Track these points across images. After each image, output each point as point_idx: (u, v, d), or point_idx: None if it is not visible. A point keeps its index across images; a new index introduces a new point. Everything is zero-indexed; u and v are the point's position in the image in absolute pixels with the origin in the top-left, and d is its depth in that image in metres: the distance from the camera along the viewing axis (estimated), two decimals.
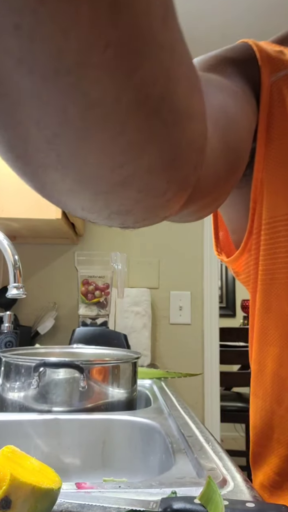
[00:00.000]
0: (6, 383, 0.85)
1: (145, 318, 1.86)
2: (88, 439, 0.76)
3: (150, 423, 0.73)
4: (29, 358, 0.84)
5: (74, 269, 1.79)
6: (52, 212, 1.49)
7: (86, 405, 0.81)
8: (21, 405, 0.82)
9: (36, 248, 1.95)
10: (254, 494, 0.43)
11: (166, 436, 0.65)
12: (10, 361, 0.86)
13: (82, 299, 1.74)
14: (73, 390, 0.81)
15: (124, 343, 1.51)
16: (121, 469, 0.74)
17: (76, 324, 1.77)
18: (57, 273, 1.95)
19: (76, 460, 0.75)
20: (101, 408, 0.82)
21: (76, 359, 0.82)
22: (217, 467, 0.50)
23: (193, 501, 0.38)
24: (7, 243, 0.89)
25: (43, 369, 0.81)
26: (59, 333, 1.89)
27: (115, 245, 1.96)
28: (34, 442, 0.75)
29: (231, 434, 3.18)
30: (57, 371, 0.81)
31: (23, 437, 0.74)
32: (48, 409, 0.80)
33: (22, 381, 0.83)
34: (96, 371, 0.83)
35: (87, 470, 0.74)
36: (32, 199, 1.49)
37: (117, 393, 0.85)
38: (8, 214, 1.49)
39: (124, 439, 0.76)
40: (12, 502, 0.33)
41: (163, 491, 0.43)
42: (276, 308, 0.56)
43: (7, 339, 1.30)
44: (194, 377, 1.87)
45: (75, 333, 1.57)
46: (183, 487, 0.45)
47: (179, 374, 1.28)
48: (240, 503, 0.38)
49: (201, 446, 0.58)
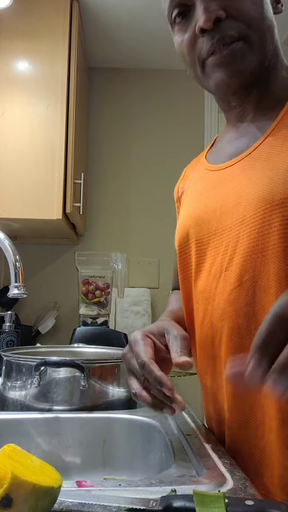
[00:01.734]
0: (7, 382, 0.86)
1: (145, 317, 1.86)
2: (88, 437, 0.76)
3: (150, 422, 0.73)
4: (30, 357, 0.84)
5: (74, 269, 1.79)
6: (52, 212, 1.49)
7: (86, 404, 0.81)
8: (22, 404, 0.82)
9: (37, 248, 1.95)
10: (253, 492, 0.44)
11: (166, 434, 0.66)
12: (11, 360, 0.86)
13: (82, 299, 1.74)
14: (73, 389, 0.81)
15: (124, 342, 1.51)
16: (121, 468, 0.74)
17: (76, 324, 1.77)
18: (58, 273, 1.96)
19: (76, 459, 0.75)
20: (101, 407, 0.82)
21: (77, 358, 0.82)
22: (217, 466, 0.51)
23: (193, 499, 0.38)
24: (8, 243, 0.89)
25: (44, 368, 0.81)
26: (59, 333, 1.90)
27: (115, 245, 1.96)
28: (35, 440, 0.75)
29: None
30: (58, 370, 0.82)
31: (24, 435, 0.75)
32: (49, 408, 0.80)
33: (23, 380, 0.83)
34: (96, 370, 0.84)
35: (87, 468, 0.75)
36: (32, 200, 1.49)
37: (117, 392, 0.85)
38: (9, 214, 1.50)
39: (124, 437, 0.76)
40: (13, 500, 0.33)
41: (163, 489, 0.44)
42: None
43: (8, 338, 1.31)
44: (194, 376, 1.87)
45: (75, 333, 1.57)
46: (182, 485, 0.45)
47: (179, 373, 1.29)
48: (239, 500, 0.38)
49: (201, 445, 0.59)
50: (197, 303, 0.67)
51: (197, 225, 0.66)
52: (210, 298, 0.63)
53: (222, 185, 0.64)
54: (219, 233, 0.62)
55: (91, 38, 1.89)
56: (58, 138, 1.53)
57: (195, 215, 0.67)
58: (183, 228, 0.70)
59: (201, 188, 0.69)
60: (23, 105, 1.55)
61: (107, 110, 2.09)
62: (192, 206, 0.69)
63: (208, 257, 0.64)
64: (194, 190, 0.72)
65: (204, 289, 0.64)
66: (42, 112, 1.55)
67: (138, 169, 2.07)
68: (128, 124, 2.09)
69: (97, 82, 2.10)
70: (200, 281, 0.66)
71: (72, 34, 1.63)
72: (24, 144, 1.52)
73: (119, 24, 1.80)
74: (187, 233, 0.69)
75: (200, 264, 0.66)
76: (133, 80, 2.12)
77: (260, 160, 0.59)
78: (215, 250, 0.63)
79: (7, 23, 1.60)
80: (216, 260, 0.62)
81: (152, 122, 2.10)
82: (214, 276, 0.62)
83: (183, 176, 0.83)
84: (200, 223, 0.66)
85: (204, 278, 0.64)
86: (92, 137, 2.08)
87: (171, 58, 2.05)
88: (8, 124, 1.54)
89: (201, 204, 0.67)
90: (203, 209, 0.66)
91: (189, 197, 0.73)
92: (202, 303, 0.65)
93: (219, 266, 0.62)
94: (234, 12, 0.57)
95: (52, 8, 1.61)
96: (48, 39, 1.60)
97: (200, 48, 0.60)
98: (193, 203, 0.70)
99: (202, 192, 0.68)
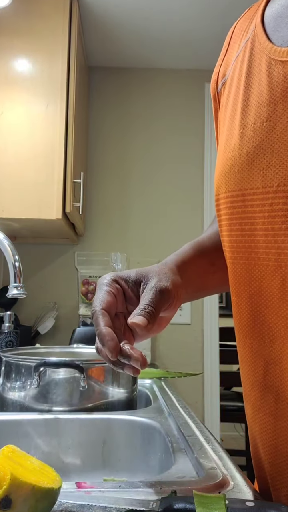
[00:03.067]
0: (6, 383, 0.85)
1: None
2: (88, 438, 0.76)
3: (150, 423, 0.73)
4: (30, 358, 0.84)
5: (74, 269, 1.79)
6: (52, 212, 1.49)
7: (86, 405, 0.81)
8: (21, 404, 0.82)
9: (36, 248, 1.95)
10: (254, 493, 0.44)
11: (166, 435, 0.65)
12: (11, 360, 0.86)
13: (82, 299, 1.74)
14: (73, 389, 0.81)
15: None
16: (121, 469, 0.74)
17: (76, 324, 1.77)
18: (57, 273, 1.95)
19: (76, 460, 0.75)
20: (101, 408, 0.82)
21: (76, 359, 0.82)
22: (217, 467, 0.50)
23: (193, 500, 0.38)
24: (8, 243, 0.89)
25: (44, 368, 0.81)
26: (59, 333, 1.89)
27: (115, 245, 1.96)
28: (34, 441, 0.75)
29: (231, 434, 3.18)
30: (58, 370, 0.81)
31: (24, 436, 0.74)
32: (49, 409, 0.80)
33: (23, 381, 0.83)
34: (96, 370, 0.83)
35: (87, 470, 0.74)
36: (32, 199, 1.49)
37: (117, 393, 0.85)
38: (8, 214, 1.49)
39: (124, 438, 0.76)
40: (12, 501, 0.33)
41: (163, 491, 0.43)
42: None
43: (8, 339, 1.31)
44: (194, 377, 1.87)
45: (75, 333, 1.57)
46: (183, 486, 0.45)
47: (179, 373, 1.28)
48: (240, 502, 0.38)
49: (201, 446, 0.58)
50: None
51: (260, 165, 0.43)
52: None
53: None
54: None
55: (90, 37, 1.89)
56: (57, 137, 1.53)
57: (249, 149, 0.44)
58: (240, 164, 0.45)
59: (257, 95, 0.44)
60: (23, 104, 1.55)
61: (106, 109, 2.09)
62: (244, 131, 0.45)
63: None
64: (248, 96, 0.45)
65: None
66: (41, 111, 1.55)
67: (138, 168, 2.06)
68: (128, 123, 2.09)
69: (97, 81, 2.10)
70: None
71: (71, 33, 1.62)
72: (24, 143, 1.52)
73: (118, 23, 1.80)
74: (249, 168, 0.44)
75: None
76: (133, 79, 2.12)
77: None
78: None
79: (7, 22, 1.59)
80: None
81: (152, 122, 2.10)
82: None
83: (225, 51, 0.54)
84: (262, 165, 0.43)
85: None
86: (92, 136, 2.08)
87: (171, 58, 2.07)
88: (7, 123, 1.53)
89: (258, 131, 0.43)
90: (264, 139, 0.42)
91: (237, 107, 0.47)
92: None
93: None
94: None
95: (51, 7, 1.61)
96: (47, 38, 1.59)
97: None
98: (249, 125, 0.44)
99: (261, 105, 0.43)
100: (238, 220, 0.47)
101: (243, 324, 0.48)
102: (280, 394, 0.44)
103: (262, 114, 0.43)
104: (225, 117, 0.50)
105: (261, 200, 0.43)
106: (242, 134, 0.45)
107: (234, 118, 0.47)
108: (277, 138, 0.42)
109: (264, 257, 0.44)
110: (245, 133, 0.45)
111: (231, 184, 0.47)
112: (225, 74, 0.53)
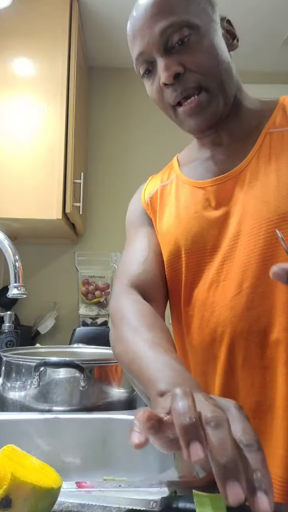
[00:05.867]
0: (7, 383, 0.86)
1: None
2: (88, 438, 0.76)
3: None
4: (30, 358, 0.84)
5: (74, 269, 1.79)
6: (52, 212, 1.49)
7: (86, 405, 0.81)
8: (21, 404, 0.82)
9: (36, 248, 1.95)
10: None
11: None
12: (11, 360, 0.86)
13: (82, 299, 1.74)
14: (73, 389, 0.81)
15: None
16: (121, 468, 0.74)
17: (76, 324, 1.77)
18: (58, 273, 1.95)
19: (76, 459, 0.75)
20: (101, 408, 0.82)
21: (77, 359, 0.82)
22: None
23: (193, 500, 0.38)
24: (8, 243, 0.89)
25: (44, 368, 0.81)
26: (59, 333, 1.89)
27: (115, 245, 1.96)
28: (34, 441, 0.75)
29: None
30: (58, 370, 0.81)
31: (24, 436, 0.75)
32: (49, 409, 0.80)
33: (23, 381, 0.83)
34: (96, 370, 0.83)
35: (87, 469, 0.75)
36: (32, 200, 1.49)
37: (117, 393, 0.85)
38: (8, 214, 1.49)
39: (124, 438, 0.76)
40: (12, 501, 0.33)
41: (163, 490, 0.43)
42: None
43: (8, 338, 1.31)
44: None
45: (75, 333, 1.57)
46: (183, 486, 0.45)
47: None
48: None
49: None
50: (192, 310, 0.67)
51: (192, 240, 0.67)
52: (208, 305, 0.64)
53: (215, 201, 0.66)
54: (218, 245, 0.64)
55: (91, 37, 1.89)
56: (57, 137, 1.53)
57: (187, 229, 0.67)
58: (174, 241, 0.69)
59: (189, 203, 0.69)
60: (23, 104, 1.55)
61: (106, 109, 2.09)
62: (182, 220, 0.69)
63: (204, 268, 0.65)
64: (181, 204, 0.71)
65: (201, 297, 0.65)
66: (42, 111, 1.55)
67: (138, 168, 2.06)
68: (128, 123, 2.09)
69: (97, 81, 2.10)
70: (196, 289, 0.66)
71: (72, 33, 1.63)
72: (24, 143, 1.52)
73: (119, 23, 1.80)
74: (178, 247, 0.69)
75: (195, 273, 0.66)
76: (133, 79, 2.11)
77: (253, 178, 0.62)
78: (211, 263, 0.65)
79: (7, 22, 1.59)
80: (211, 270, 0.64)
81: (152, 121, 2.09)
82: (211, 285, 0.64)
83: (147, 185, 0.86)
84: (195, 238, 0.66)
85: (201, 286, 0.65)
86: (92, 136, 2.08)
87: None
88: (7, 123, 1.53)
89: (192, 218, 0.68)
90: (197, 224, 0.67)
91: (173, 209, 0.72)
92: (199, 309, 0.65)
93: (215, 276, 0.63)
94: (191, 65, 0.62)
95: (52, 7, 1.61)
96: (48, 38, 1.59)
97: (167, 98, 0.66)
98: (183, 216, 0.69)
99: (189, 206, 0.69)
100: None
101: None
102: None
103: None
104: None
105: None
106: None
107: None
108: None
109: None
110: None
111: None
112: (150, 194, 0.82)
